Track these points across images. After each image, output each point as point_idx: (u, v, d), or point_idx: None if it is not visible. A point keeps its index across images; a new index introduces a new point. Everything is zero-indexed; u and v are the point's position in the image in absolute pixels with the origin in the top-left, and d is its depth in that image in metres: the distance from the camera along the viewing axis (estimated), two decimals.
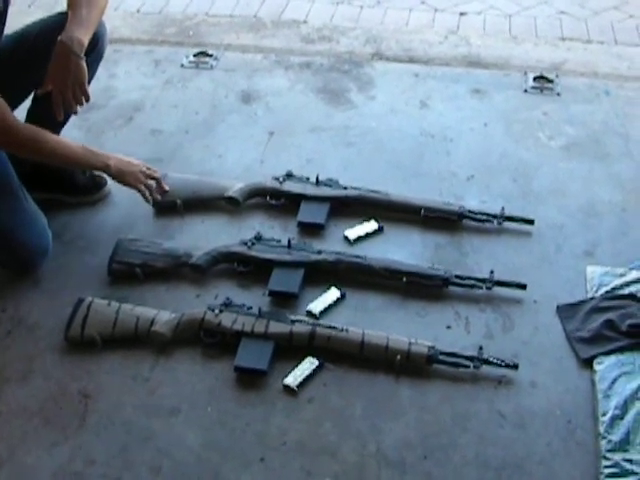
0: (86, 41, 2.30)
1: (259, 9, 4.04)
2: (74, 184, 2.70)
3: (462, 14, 3.99)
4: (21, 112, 2.57)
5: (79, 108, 2.38)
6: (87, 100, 2.37)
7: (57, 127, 2.64)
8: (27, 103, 2.58)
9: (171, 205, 2.66)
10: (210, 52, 3.58)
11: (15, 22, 2.49)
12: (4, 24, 2.34)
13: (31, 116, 2.59)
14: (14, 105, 2.54)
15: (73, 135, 2.83)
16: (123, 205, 2.72)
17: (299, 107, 3.23)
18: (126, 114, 3.17)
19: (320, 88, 3.34)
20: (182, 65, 3.51)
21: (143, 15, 4.01)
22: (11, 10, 2.36)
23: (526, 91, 3.29)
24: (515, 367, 2.11)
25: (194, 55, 3.57)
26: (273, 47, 3.67)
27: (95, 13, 2.32)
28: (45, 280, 2.45)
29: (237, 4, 4.08)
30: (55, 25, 2.39)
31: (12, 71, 2.41)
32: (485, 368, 2.12)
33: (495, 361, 2.11)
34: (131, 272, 2.42)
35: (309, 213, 2.62)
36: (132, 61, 3.53)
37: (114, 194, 2.75)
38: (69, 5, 2.33)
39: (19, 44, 2.43)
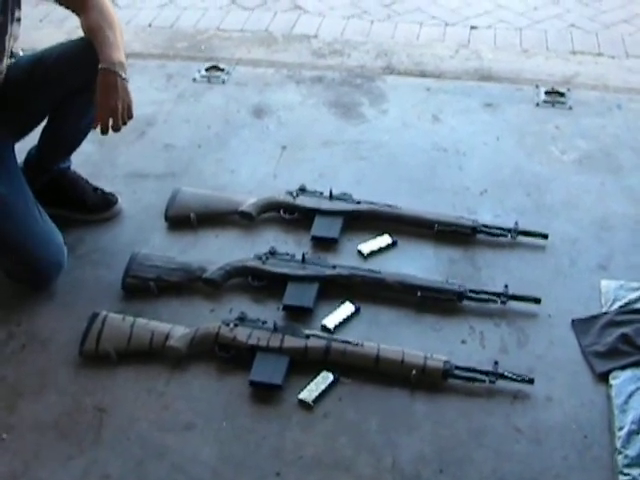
0: (125, 62, 2.27)
1: (270, 24, 4.07)
2: (83, 202, 2.69)
3: (473, 28, 4.00)
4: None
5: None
6: (130, 119, 2.31)
7: (71, 148, 2.66)
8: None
9: (185, 219, 2.67)
10: (222, 66, 3.60)
11: (26, 37, 2.51)
12: (5, 34, 2.31)
13: (45, 137, 2.61)
14: (31, 126, 2.57)
15: (86, 149, 2.84)
16: (137, 219, 2.73)
17: (311, 121, 3.24)
18: (139, 129, 3.16)
19: (332, 102, 3.34)
20: (194, 79, 3.53)
21: (155, 29, 4.04)
22: (22, 24, 2.37)
23: (538, 105, 3.29)
24: (531, 382, 2.10)
25: (206, 69, 3.58)
26: (284, 61, 3.68)
27: (119, 35, 2.30)
28: (59, 294, 2.45)
29: (248, 19, 4.11)
30: (74, 51, 2.39)
31: (29, 92, 2.43)
32: (500, 383, 2.11)
33: (510, 376, 2.11)
34: (145, 286, 2.42)
35: (323, 227, 2.61)
36: (144, 76, 3.54)
37: (127, 208, 2.76)
38: (91, 31, 2.30)
39: (37, 66, 2.43)
